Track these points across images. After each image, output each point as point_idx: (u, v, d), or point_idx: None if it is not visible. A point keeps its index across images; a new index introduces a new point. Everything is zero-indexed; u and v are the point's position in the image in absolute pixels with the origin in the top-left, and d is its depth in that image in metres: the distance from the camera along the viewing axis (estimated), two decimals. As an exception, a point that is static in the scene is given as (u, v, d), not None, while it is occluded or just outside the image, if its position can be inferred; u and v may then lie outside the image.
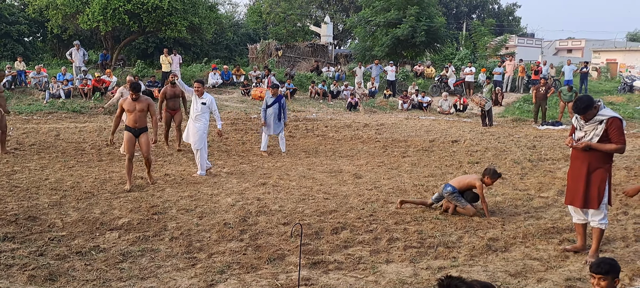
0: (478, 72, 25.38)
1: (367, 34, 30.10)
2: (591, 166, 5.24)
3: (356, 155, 11.67)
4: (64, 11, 23.38)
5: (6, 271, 4.83)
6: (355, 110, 20.58)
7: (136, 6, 22.28)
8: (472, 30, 33.59)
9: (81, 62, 20.89)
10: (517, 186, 8.69)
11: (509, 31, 47.71)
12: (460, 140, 13.79)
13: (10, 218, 6.38)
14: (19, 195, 7.58)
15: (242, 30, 38.21)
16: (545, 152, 11.93)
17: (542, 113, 17.73)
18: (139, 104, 8.18)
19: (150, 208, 7.01)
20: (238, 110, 18.79)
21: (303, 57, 31.02)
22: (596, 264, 3.48)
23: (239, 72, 23.97)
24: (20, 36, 28.89)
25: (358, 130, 15.66)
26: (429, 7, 28.32)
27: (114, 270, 4.95)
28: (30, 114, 16.44)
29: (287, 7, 39.18)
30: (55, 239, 5.74)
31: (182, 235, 5.96)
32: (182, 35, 24.51)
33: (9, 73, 19.39)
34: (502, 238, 5.99)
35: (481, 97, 17.73)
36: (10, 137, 12.64)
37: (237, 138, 13.78)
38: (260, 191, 8.12)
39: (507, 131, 15.91)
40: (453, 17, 52.00)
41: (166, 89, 11.59)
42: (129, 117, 8.26)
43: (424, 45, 28.75)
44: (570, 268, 5.12)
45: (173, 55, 21.98)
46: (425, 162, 10.88)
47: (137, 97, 8.18)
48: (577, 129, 5.38)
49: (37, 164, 9.92)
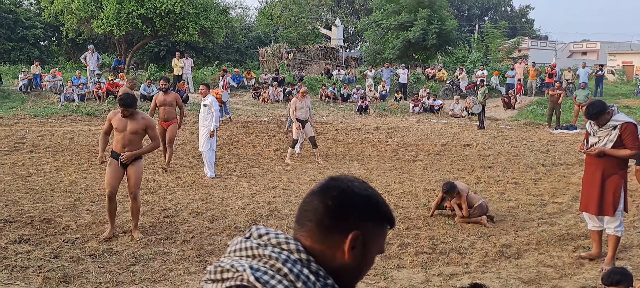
0: (490, 75, 25.22)
1: (378, 36, 30.05)
2: (605, 172, 5.18)
3: (367, 159, 11.65)
4: (78, 16, 23.67)
5: (22, 273, 4.89)
6: (365, 114, 20.55)
7: (149, 10, 22.50)
8: (485, 32, 33.41)
9: (95, 65, 21.10)
10: (531, 191, 8.61)
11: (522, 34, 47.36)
12: (473, 144, 13.71)
13: (25, 221, 6.45)
14: (34, 197, 7.67)
15: (253, 34, 38.39)
16: (560, 157, 11.82)
17: (556, 117, 17.57)
18: (131, 123, 5.92)
19: (162, 211, 7.06)
20: (249, 113, 18.85)
21: (313, 60, 31.05)
22: (607, 275, 3.45)
23: (250, 75, 24.07)
24: (36, 40, 29.28)
25: (369, 133, 15.64)
26: (441, 10, 28.21)
27: (127, 272, 4.99)
28: (46, 116, 16.62)
29: (298, 10, 39.30)
30: (69, 241, 5.80)
31: (194, 239, 5.99)
32: (194, 39, 24.71)
33: (25, 77, 19.64)
34: (515, 244, 5.94)
35: (471, 99, 17.63)
36: (26, 139, 12.80)
37: (248, 141, 13.82)
38: (271, 195, 8.13)
39: (520, 135, 15.79)
40: (465, 19, 51.81)
41: (157, 96, 9.93)
42: (116, 139, 6.03)
43: (436, 48, 28.63)
44: (586, 276, 5.06)
45: (185, 58, 22.14)
46: (436, 166, 10.84)
47: (130, 114, 5.95)
48: (590, 134, 5.32)
49: (52, 167, 10.03)
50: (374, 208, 1.24)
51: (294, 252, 1.19)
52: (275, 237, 1.21)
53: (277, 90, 21.88)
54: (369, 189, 1.25)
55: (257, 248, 1.20)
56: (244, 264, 1.17)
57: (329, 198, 1.22)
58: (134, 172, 5.94)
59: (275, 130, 15.79)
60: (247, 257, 1.20)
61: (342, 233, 1.20)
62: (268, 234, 1.23)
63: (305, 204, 1.26)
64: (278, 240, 1.21)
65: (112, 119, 6.02)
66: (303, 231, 1.24)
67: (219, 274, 1.19)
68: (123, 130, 5.91)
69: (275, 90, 21.86)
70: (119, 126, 5.93)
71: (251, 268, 1.15)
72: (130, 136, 5.91)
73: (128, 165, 5.94)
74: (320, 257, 1.20)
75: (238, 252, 1.23)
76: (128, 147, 5.89)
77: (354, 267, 1.22)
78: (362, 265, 1.24)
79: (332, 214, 1.21)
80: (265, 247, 1.20)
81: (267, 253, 1.18)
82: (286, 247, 1.20)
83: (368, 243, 1.22)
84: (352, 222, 1.21)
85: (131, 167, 5.95)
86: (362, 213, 1.22)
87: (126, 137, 5.91)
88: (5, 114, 16.38)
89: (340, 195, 1.22)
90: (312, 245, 1.21)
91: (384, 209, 1.26)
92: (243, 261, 1.19)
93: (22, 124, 15.25)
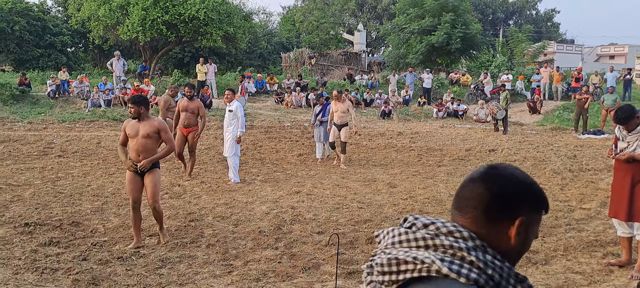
0: (515, 79, 24.90)
1: (401, 41, 29.93)
2: (635, 178, 5.07)
3: (390, 164, 11.61)
4: (105, 22, 24.15)
5: (52, 275, 5.00)
6: (388, 119, 20.49)
7: (174, 17, 22.84)
8: (509, 36, 33.00)
9: (121, 71, 21.49)
10: (558, 197, 8.47)
11: (548, 37, 46.63)
12: (498, 149, 13.55)
13: (55, 224, 6.60)
14: (63, 201, 7.84)
15: (275, 39, 38.63)
16: (587, 162, 11.60)
17: (583, 121, 17.25)
18: (143, 127, 5.79)
19: (188, 215, 7.14)
20: (272, 119, 18.96)
21: (336, 65, 31.08)
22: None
23: (273, 81, 24.22)
24: (63, 47, 29.93)
25: (392, 138, 15.58)
26: (465, 14, 27.98)
27: (154, 275, 5.06)
28: (73, 122, 16.98)
29: (321, 15, 39.41)
30: (97, 244, 5.91)
31: (219, 242, 6.04)
32: (217, 45, 24.97)
33: (53, 82, 20.10)
34: (542, 250, 5.84)
35: (495, 105, 17.40)
36: (55, 144, 13.09)
37: (271, 146, 13.90)
38: (294, 199, 8.16)
39: (546, 140, 15.55)
40: (489, 23, 51.27)
41: (181, 101, 9.87)
42: (131, 147, 5.90)
43: (460, 52, 28.39)
44: (615, 283, 4.95)
45: (208, 64, 22.40)
46: (461, 171, 10.73)
47: (140, 116, 5.78)
48: (619, 139, 5.22)
49: (79, 171, 10.23)
50: (536, 195, 1.29)
51: (469, 240, 1.22)
52: (444, 226, 1.24)
53: (299, 96, 21.97)
54: (529, 177, 1.31)
55: (432, 239, 1.22)
56: (430, 255, 1.18)
57: (495, 186, 1.27)
58: (149, 182, 5.80)
59: (298, 135, 15.85)
60: (422, 248, 1.22)
61: (508, 220, 1.25)
62: (434, 223, 1.26)
63: (467, 192, 1.30)
64: (448, 229, 1.24)
65: (126, 127, 5.90)
66: (466, 218, 1.28)
67: (395, 267, 1.20)
68: (136, 135, 5.78)
69: (298, 95, 21.96)
70: (131, 132, 5.81)
71: (442, 261, 1.16)
72: (143, 141, 5.76)
73: (144, 173, 5.82)
74: (486, 242, 1.24)
75: (405, 243, 1.24)
76: (142, 155, 5.76)
77: (517, 251, 1.27)
78: (523, 249, 1.29)
79: (499, 201, 1.25)
80: (438, 237, 1.22)
81: (447, 243, 1.20)
82: (459, 235, 1.22)
83: (529, 228, 1.27)
84: (517, 208, 1.26)
85: (147, 177, 5.81)
86: (526, 200, 1.27)
87: (139, 142, 5.76)
88: (34, 119, 16.80)
89: (506, 182, 1.27)
90: (478, 230, 1.25)
91: (543, 196, 1.31)
92: (424, 252, 1.20)
93: (50, 129, 15.61)
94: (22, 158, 11.44)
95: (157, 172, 5.88)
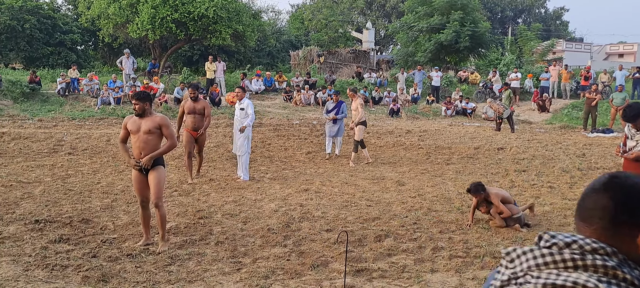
0: (524, 77, 24.75)
1: (410, 39, 29.86)
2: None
3: (399, 162, 11.59)
4: (114, 21, 24.29)
5: (62, 271, 5.04)
6: (397, 117, 20.45)
7: (183, 15, 22.93)
8: (518, 34, 32.82)
9: (131, 69, 21.61)
10: (566, 196, 8.42)
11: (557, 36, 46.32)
12: (506, 147, 13.49)
13: (65, 221, 6.66)
14: (72, 198, 7.90)
15: (284, 37, 38.68)
16: (596, 161, 11.53)
17: (592, 120, 17.13)
18: (145, 122, 5.67)
19: (197, 212, 7.18)
20: (280, 117, 18.99)
21: (345, 63, 31.08)
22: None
23: (281, 79, 24.25)
24: (73, 45, 30.18)
25: (400, 136, 15.56)
26: (473, 12, 27.87)
27: (163, 272, 5.09)
28: (83, 119, 17.10)
29: (329, 13, 39.41)
30: (107, 241, 5.95)
31: (227, 240, 6.07)
32: (227, 43, 25.04)
33: (63, 80, 20.24)
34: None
35: (500, 104, 17.30)
36: (65, 141, 13.20)
37: (280, 144, 13.92)
38: (303, 197, 8.17)
39: (554, 138, 15.46)
40: (498, 21, 51.02)
41: (185, 103, 9.41)
42: (133, 144, 5.80)
43: (468, 51, 28.29)
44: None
45: (217, 62, 22.47)
46: (470, 169, 10.70)
47: (143, 112, 5.70)
48: (628, 137, 5.19)
49: (89, 168, 10.31)
50: None
51: (613, 255, 1.21)
52: (585, 243, 1.23)
53: (308, 94, 21.98)
54: None
55: (582, 260, 1.20)
56: (589, 279, 1.16)
57: (622, 196, 1.25)
58: (153, 179, 5.66)
59: (307, 133, 15.87)
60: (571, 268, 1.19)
61: (636, 229, 1.24)
62: (576, 241, 1.24)
63: (590, 202, 1.29)
64: (591, 246, 1.22)
65: (127, 124, 5.78)
66: (592, 229, 1.27)
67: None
68: (137, 131, 5.66)
69: (306, 93, 21.97)
70: (133, 128, 5.69)
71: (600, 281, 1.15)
72: (145, 137, 5.63)
73: (148, 171, 5.70)
74: None
75: (552, 265, 1.22)
76: (144, 151, 5.65)
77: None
78: None
79: (624, 211, 1.24)
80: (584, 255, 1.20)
81: (599, 262, 1.18)
82: (603, 252, 1.21)
83: None
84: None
85: (151, 174, 5.68)
86: None
87: (141, 138, 5.64)
88: (44, 117, 16.94)
89: (630, 192, 1.26)
90: (606, 241, 1.24)
91: None
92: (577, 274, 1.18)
93: (60, 126, 15.73)
94: (33, 155, 11.54)
95: (161, 169, 5.76)
